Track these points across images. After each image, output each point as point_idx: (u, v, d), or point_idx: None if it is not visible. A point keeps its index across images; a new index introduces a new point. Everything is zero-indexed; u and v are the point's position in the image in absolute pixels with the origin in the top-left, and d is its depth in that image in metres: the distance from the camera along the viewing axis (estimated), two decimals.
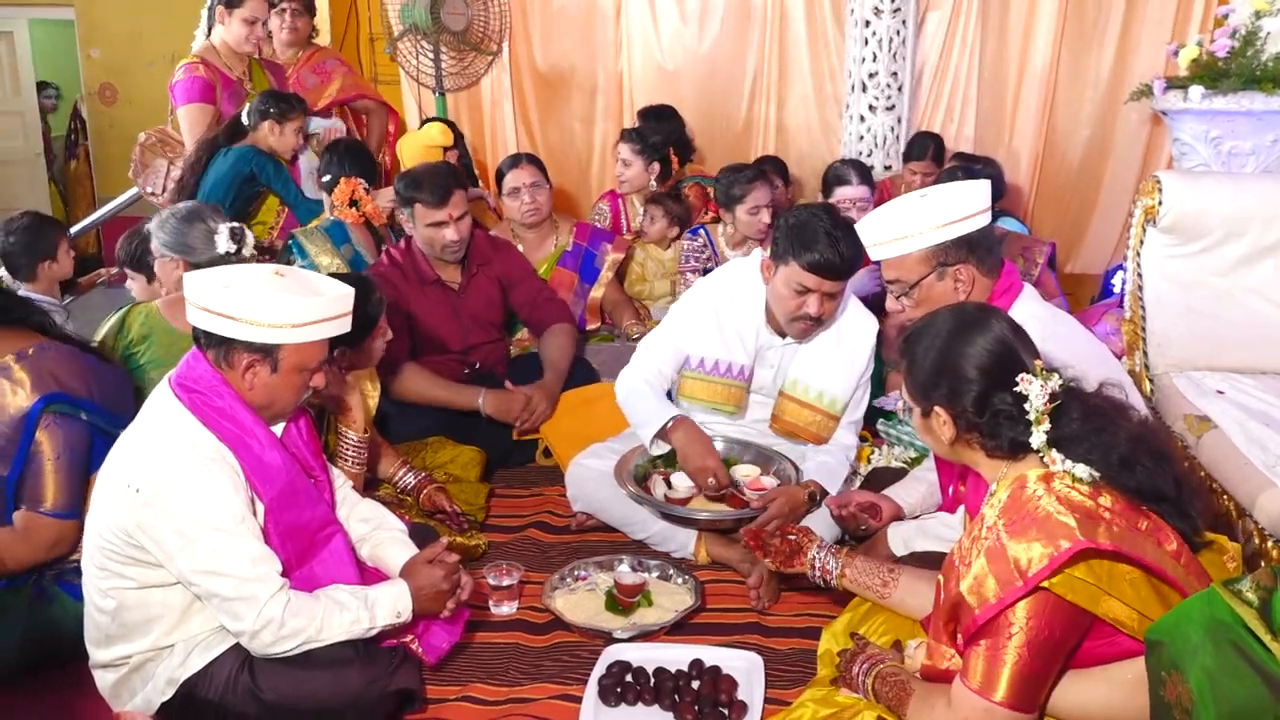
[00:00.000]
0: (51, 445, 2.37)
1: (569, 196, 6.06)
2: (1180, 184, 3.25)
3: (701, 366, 3.10)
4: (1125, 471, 1.81)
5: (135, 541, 2.04)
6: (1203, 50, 4.19)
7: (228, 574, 2.03)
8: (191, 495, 2.02)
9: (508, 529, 3.20)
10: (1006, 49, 5.61)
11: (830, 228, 2.80)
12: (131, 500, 2.02)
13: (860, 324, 3.11)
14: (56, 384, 2.39)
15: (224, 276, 2.11)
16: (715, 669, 2.35)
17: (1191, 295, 3.32)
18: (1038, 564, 1.67)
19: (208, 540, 2.02)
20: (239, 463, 2.10)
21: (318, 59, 5.20)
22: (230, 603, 2.05)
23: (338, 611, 2.14)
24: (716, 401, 3.12)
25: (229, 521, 2.04)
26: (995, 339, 1.88)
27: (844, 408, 3.08)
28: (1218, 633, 1.54)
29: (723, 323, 3.08)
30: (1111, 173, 5.68)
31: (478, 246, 3.73)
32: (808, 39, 5.75)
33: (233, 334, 2.06)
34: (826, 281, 2.85)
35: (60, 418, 2.39)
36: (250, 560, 2.05)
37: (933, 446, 2.04)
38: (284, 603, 2.07)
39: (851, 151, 5.38)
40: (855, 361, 3.08)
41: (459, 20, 5.58)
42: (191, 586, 2.07)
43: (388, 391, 3.29)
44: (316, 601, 2.13)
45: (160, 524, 2.01)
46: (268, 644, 2.08)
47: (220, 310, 2.04)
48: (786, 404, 3.10)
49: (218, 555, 2.02)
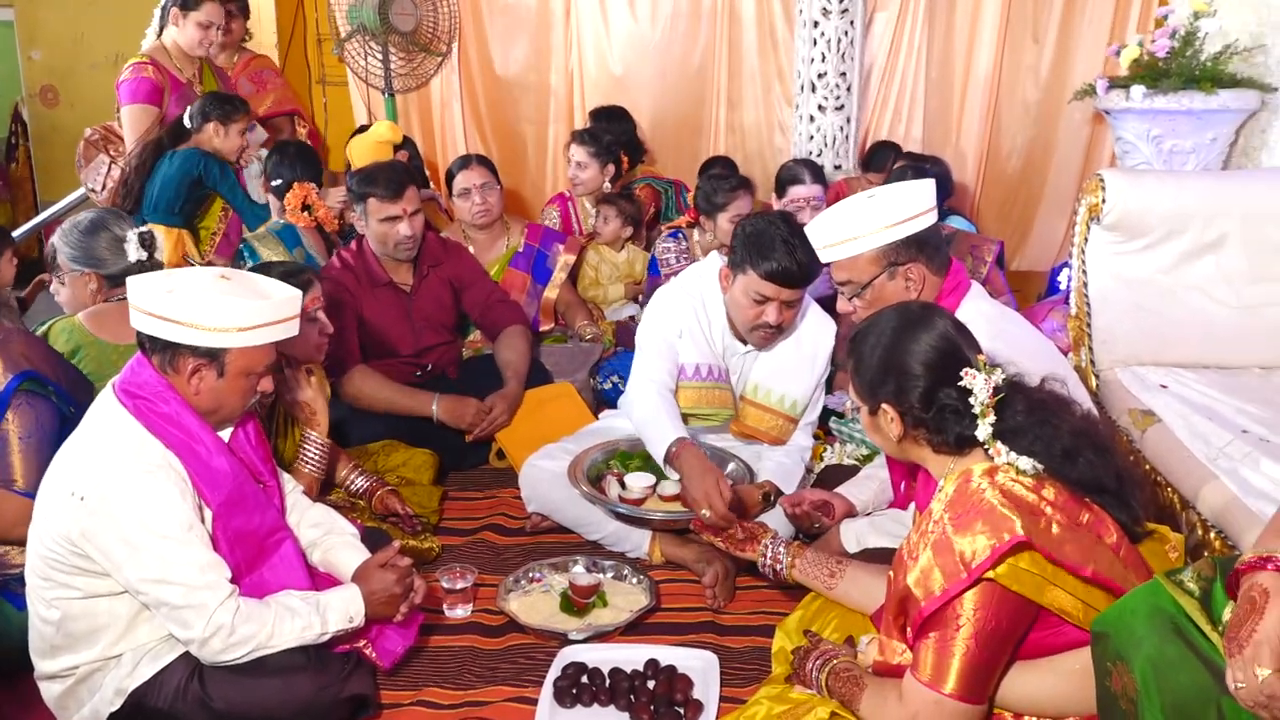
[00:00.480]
0: (21, 424, 2.37)
1: (520, 198, 6.05)
2: (1123, 182, 3.31)
3: (691, 373, 3.07)
4: (1068, 463, 1.85)
5: (80, 550, 2.00)
6: (1143, 50, 4.26)
7: (176, 582, 2.00)
8: (137, 503, 1.99)
9: (461, 532, 3.19)
10: (952, 49, 5.68)
11: (787, 236, 2.81)
12: (76, 508, 1.98)
13: (819, 328, 3.14)
14: (28, 363, 2.42)
15: (168, 280, 2.08)
16: (671, 668, 2.35)
17: (1135, 292, 3.37)
18: (981, 555, 1.70)
19: (155, 548, 1.99)
20: (186, 469, 2.07)
21: (255, 66, 5.13)
22: (179, 611, 2.02)
23: (289, 617, 2.12)
24: (712, 406, 3.09)
25: (176, 529, 2.01)
26: (939, 335, 1.91)
27: (803, 410, 3.12)
28: (1161, 623, 1.57)
29: (699, 326, 3.08)
30: (1055, 170, 5.76)
31: (429, 248, 3.71)
32: (757, 39, 5.78)
33: (178, 338, 2.03)
34: (785, 290, 2.86)
35: (31, 396, 2.40)
36: (198, 568, 2.03)
37: (881, 445, 2.07)
38: (233, 609, 2.04)
39: (801, 151, 5.41)
40: (815, 365, 3.11)
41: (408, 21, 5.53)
42: (139, 595, 2.04)
43: (338, 394, 3.26)
44: (267, 608, 2.11)
45: (106, 532, 1.98)
46: (217, 651, 2.05)
47: (165, 315, 2.02)
48: (748, 409, 3.12)
49: (165, 563, 2.00)
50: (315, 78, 6.20)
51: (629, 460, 3.11)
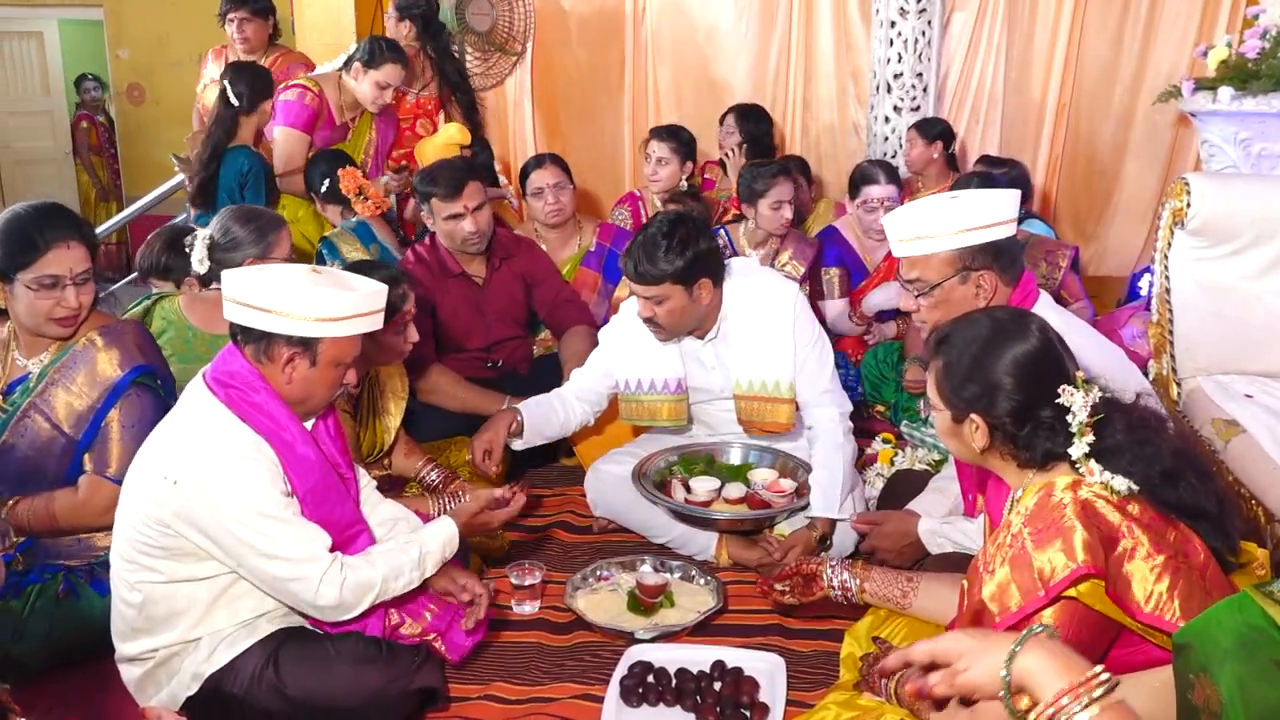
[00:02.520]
0: (128, 414, 2.49)
1: (593, 198, 6.06)
2: (1209, 186, 3.22)
3: (638, 388, 3.13)
4: (1168, 486, 1.78)
5: (172, 531, 2.06)
6: (1232, 51, 4.15)
7: (280, 557, 2.07)
8: (232, 484, 2.05)
9: (530, 528, 3.21)
10: (1032, 50, 5.57)
11: (647, 236, 2.86)
12: (169, 493, 2.04)
13: (774, 297, 3.03)
14: (143, 356, 2.53)
15: (265, 273, 2.16)
16: (737, 670, 2.35)
17: (1220, 299, 3.29)
18: (1060, 573, 1.66)
19: (254, 526, 2.05)
20: (276, 455, 2.13)
21: (282, 64, 5.05)
22: (286, 583, 2.10)
23: (394, 556, 2.22)
24: (659, 418, 3.14)
25: (272, 507, 2.07)
26: (1038, 347, 1.85)
27: (790, 384, 3.01)
28: (1248, 637, 1.52)
29: (642, 342, 3.08)
30: (1136, 174, 5.63)
31: (500, 241, 3.75)
32: (833, 40, 5.73)
33: (274, 328, 2.09)
34: (638, 286, 2.89)
35: (142, 389, 2.51)
36: (298, 541, 2.09)
37: (956, 451, 2.01)
38: (339, 576, 2.12)
39: (876, 153, 5.36)
40: (780, 336, 2.99)
41: (483, 21, 5.60)
42: (243, 572, 2.11)
43: (414, 392, 3.30)
44: (372, 564, 2.18)
45: (203, 514, 2.04)
46: (334, 613, 2.15)
47: (262, 305, 2.08)
48: (741, 403, 3.07)
49: (266, 539, 2.06)
50: None
51: (693, 465, 3.11)
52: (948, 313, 2.31)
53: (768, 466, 3.09)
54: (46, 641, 2.40)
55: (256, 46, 5.03)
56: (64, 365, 2.48)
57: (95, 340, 2.50)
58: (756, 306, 3.01)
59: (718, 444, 3.21)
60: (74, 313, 2.45)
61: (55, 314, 2.43)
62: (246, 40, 4.98)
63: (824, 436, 2.98)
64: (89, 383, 2.47)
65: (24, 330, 2.50)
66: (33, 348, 2.52)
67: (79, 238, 2.43)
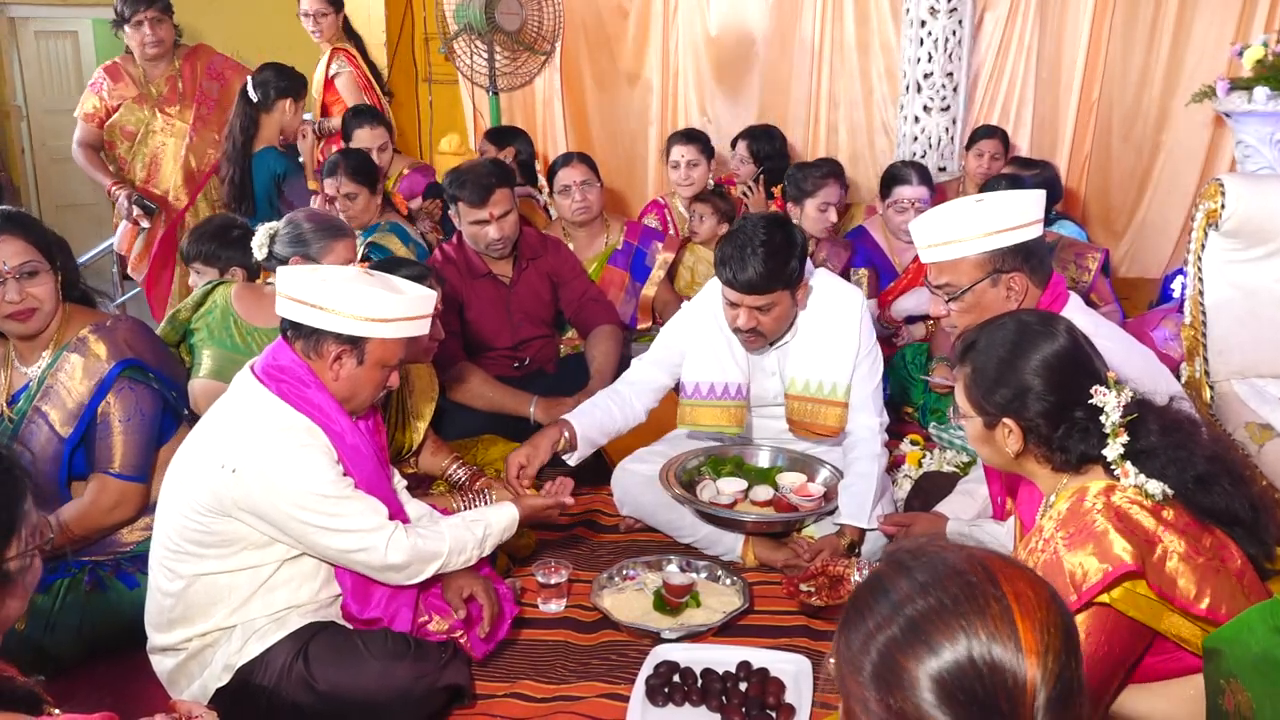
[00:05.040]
0: (122, 408, 2.52)
1: (620, 197, 6.07)
2: (1244, 187, 3.19)
3: (698, 392, 3.07)
4: (1202, 490, 1.76)
5: (231, 516, 2.10)
6: (1269, 51, 4.11)
7: (347, 530, 2.14)
8: (293, 471, 2.10)
9: (557, 527, 3.21)
10: (1062, 50, 5.51)
11: (749, 242, 2.76)
12: (228, 481, 2.08)
13: (842, 301, 3.00)
14: (131, 351, 2.55)
15: (318, 271, 2.22)
16: (763, 671, 2.34)
17: (1254, 301, 3.26)
18: (1092, 578, 1.63)
19: (318, 508, 2.10)
20: (330, 442, 2.17)
21: (204, 60, 4.83)
22: (351, 555, 2.17)
23: (457, 531, 2.32)
24: (720, 424, 3.07)
25: (331, 487, 2.12)
26: (1066, 347, 1.83)
27: (846, 388, 2.97)
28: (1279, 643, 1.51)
29: (711, 344, 3.05)
30: (1169, 175, 5.55)
31: (527, 240, 3.76)
32: (861, 39, 5.70)
33: (325, 325, 2.14)
34: (745, 296, 2.81)
35: (133, 383, 2.54)
36: (361, 514, 2.15)
37: (989, 458, 1.98)
38: (403, 545, 2.19)
39: (905, 153, 5.32)
40: (845, 340, 2.97)
41: (513, 20, 5.60)
42: (309, 550, 2.17)
43: (445, 391, 3.31)
44: (439, 535, 2.28)
45: (265, 501, 2.09)
46: (401, 579, 2.26)
47: (315, 302, 2.12)
48: (793, 404, 3.03)
49: (332, 518, 2.12)
50: (422, 76, 6.30)
51: (721, 465, 3.11)
52: (979, 316, 2.29)
53: (796, 470, 3.08)
54: (78, 634, 2.44)
55: (165, 51, 4.72)
56: (59, 366, 2.52)
57: (87, 337, 2.54)
58: (826, 310, 2.99)
59: (746, 446, 3.20)
60: (19, 307, 2.44)
61: (2, 309, 2.44)
62: (160, 43, 4.65)
63: (861, 445, 2.95)
64: (82, 378, 2.51)
65: (11, 335, 2.54)
66: (28, 354, 2.56)
67: (16, 231, 2.43)
